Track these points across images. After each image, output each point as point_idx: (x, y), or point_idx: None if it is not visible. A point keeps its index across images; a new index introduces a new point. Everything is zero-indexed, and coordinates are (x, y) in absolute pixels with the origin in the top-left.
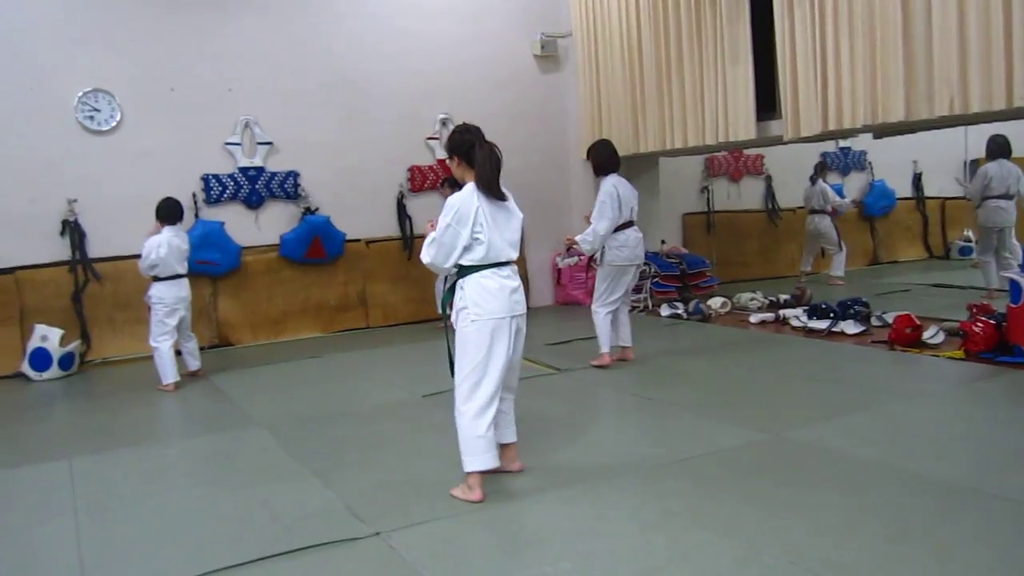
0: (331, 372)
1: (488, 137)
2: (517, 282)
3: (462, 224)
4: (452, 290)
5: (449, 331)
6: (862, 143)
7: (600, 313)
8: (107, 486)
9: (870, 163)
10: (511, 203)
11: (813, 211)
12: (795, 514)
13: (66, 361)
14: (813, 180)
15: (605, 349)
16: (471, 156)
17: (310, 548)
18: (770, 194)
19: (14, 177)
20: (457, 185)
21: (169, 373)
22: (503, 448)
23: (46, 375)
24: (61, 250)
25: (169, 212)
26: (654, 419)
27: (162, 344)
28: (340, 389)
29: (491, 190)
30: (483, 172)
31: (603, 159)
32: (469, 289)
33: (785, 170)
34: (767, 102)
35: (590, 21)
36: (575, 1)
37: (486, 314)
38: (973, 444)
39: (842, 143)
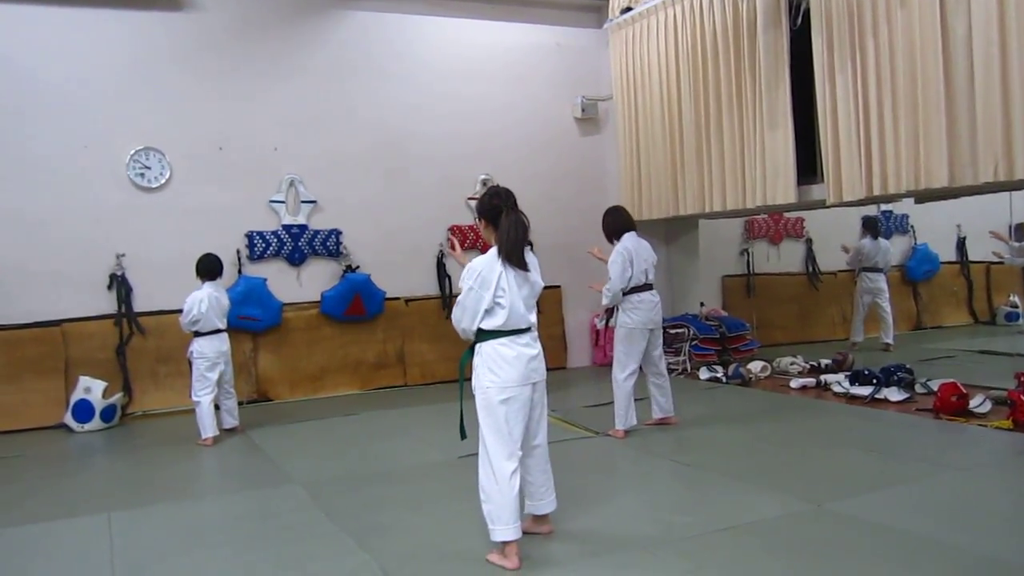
0: (368, 430)
1: (528, 199)
2: (536, 349)
3: (484, 288)
4: (471, 351)
5: (464, 393)
6: (904, 207)
7: (618, 379)
8: (144, 543)
9: (912, 227)
10: (534, 274)
11: (867, 269)
12: None
13: (108, 413)
14: (872, 236)
15: (620, 425)
16: (498, 222)
17: None
18: (811, 257)
19: (66, 231)
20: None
21: (209, 428)
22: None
23: (88, 427)
24: (108, 303)
25: (209, 268)
26: (691, 486)
27: (203, 399)
28: (377, 448)
29: (512, 260)
30: (507, 241)
31: (614, 222)
32: (486, 355)
33: (826, 233)
34: (808, 166)
35: (630, 84)
36: (615, 65)
37: (501, 382)
38: None
39: (884, 207)
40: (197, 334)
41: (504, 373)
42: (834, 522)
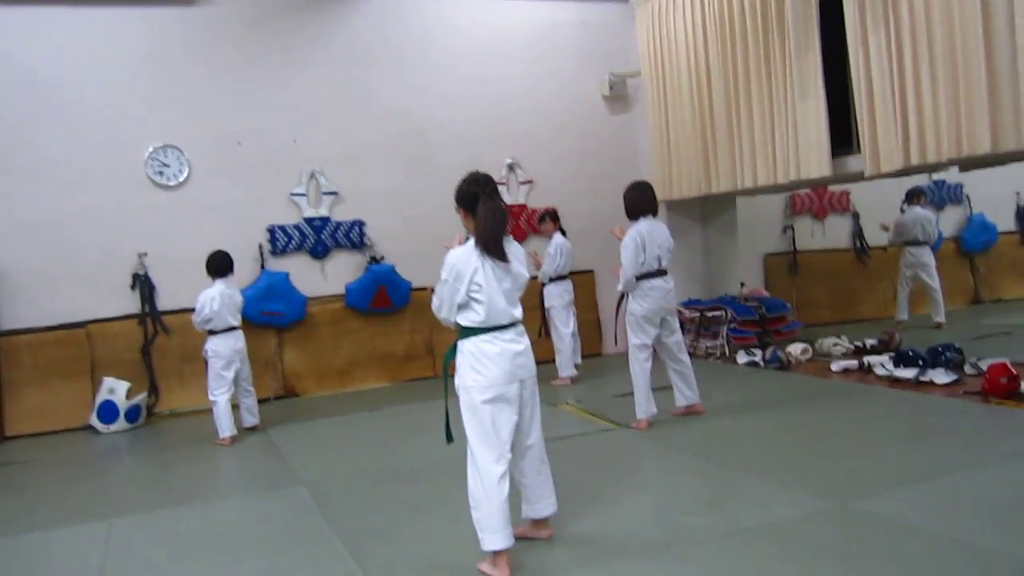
0: (387, 426)
1: (557, 181)
2: (523, 345)
3: (459, 281)
4: (454, 349)
5: (449, 394)
6: (958, 175)
7: (633, 368)
8: (136, 552)
9: (967, 196)
10: (516, 265)
11: (909, 243)
12: None
13: (132, 414)
14: (915, 207)
15: (640, 414)
16: (476, 210)
17: None
18: (858, 232)
19: (87, 231)
20: (557, 219)
21: (226, 427)
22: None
23: (113, 427)
24: (131, 303)
25: (219, 265)
26: (709, 483)
27: (220, 398)
28: (391, 445)
29: (490, 251)
30: (484, 231)
31: (635, 202)
32: (468, 353)
33: (874, 206)
34: (843, 137)
35: (658, 59)
36: (642, 40)
37: (485, 381)
38: None
39: (936, 176)
40: (211, 333)
41: (487, 371)
42: (857, 524)
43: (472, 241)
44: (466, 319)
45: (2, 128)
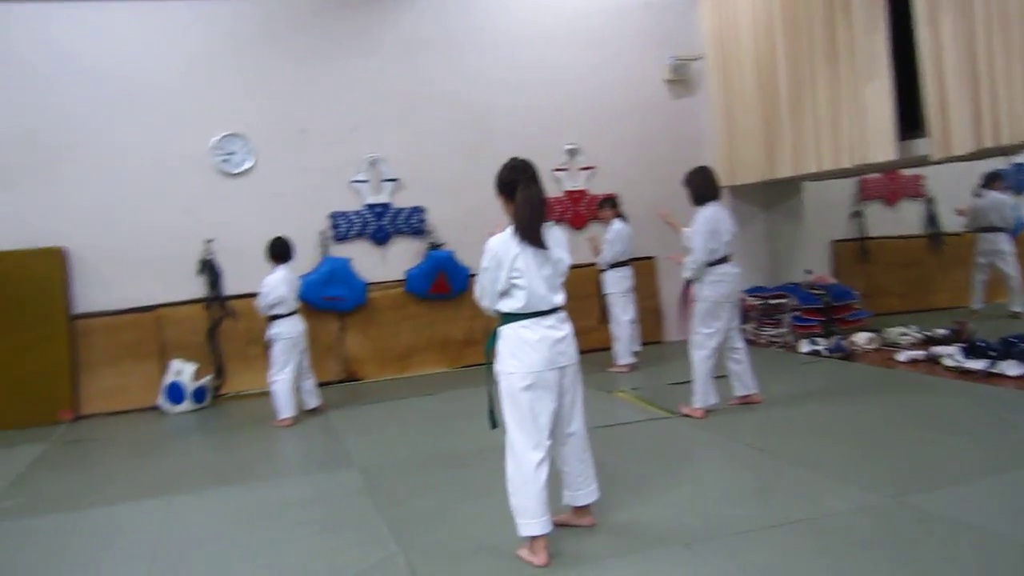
0: (442, 411)
1: (617, 166)
2: (563, 332)
3: (499, 268)
4: (494, 336)
5: (492, 381)
6: None
7: (700, 356)
8: (191, 528)
9: None
10: (556, 251)
11: (985, 229)
12: None
13: (199, 395)
14: (990, 191)
15: (698, 403)
16: (515, 197)
17: None
18: (932, 218)
19: (156, 219)
20: (616, 205)
21: (286, 408)
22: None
23: (180, 408)
24: (198, 288)
25: (282, 251)
26: (757, 475)
27: (281, 379)
28: (445, 429)
29: (528, 237)
30: (521, 218)
31: (702, 187)
32: (508, 340)
33: (950, 191)
34: (911, 119)
35: (722, 42)
36: (706, 21)
37: (524, 367)
38: None
39: (1016, 159)
40: (275, 317)
41: (527, 357)
42: (908, 519)
43: (511, 228)
44: (506, 305)
45: (77, 120)
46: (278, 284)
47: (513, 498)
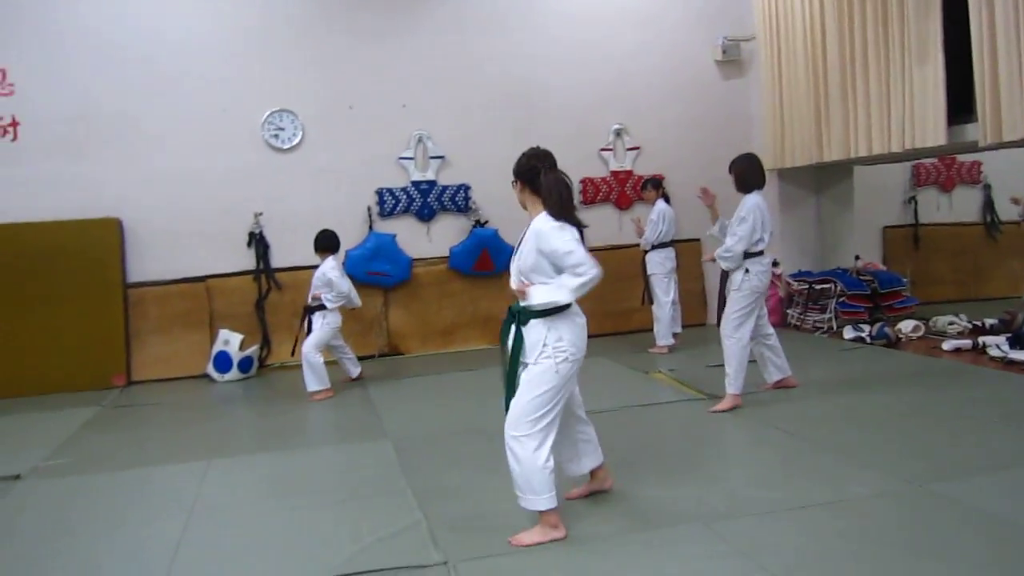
0: (480, 386)
1: (665, 147)
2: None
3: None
4: (514, 323)
5: (507, 364)
6: None
7: (740, 342)
8: (227, 491)
9: None
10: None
11: None
12: None
13: (245, 364)
14: None
15: (733, 389)
16: (536, 183)
17: (374, 572)
18: (989, 205)
19: (207, 192)
20: (660, 186)
21: (322, 381)
22: (594, 469)
23: (227, 377)
24: (247, 260)
25: (333, 243)
26: (784, 458)
27: (317, 353)
28: (480, 404)
29: (569, 219)
30: (554, 202)
31: (750, 174)
32: (565, 329)
33: (1008, 178)
34: (963, 104)
35: (774, 21)
36: (759, 1)
37: (579, 353)
38: None
39: None
40: (321, 307)
41: (581, 344)
42: (930, 506)
43: (544, 215)
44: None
45: (132, 96)
46: (343, 275)
47: (522, 468)
